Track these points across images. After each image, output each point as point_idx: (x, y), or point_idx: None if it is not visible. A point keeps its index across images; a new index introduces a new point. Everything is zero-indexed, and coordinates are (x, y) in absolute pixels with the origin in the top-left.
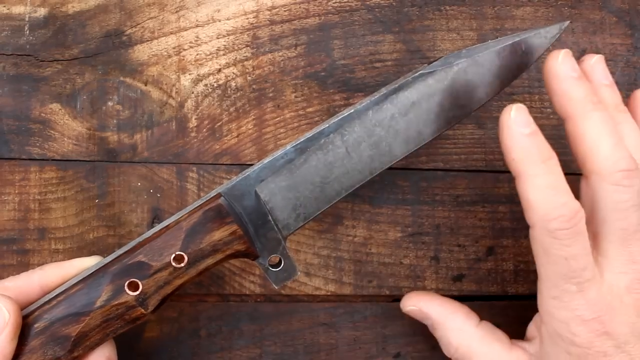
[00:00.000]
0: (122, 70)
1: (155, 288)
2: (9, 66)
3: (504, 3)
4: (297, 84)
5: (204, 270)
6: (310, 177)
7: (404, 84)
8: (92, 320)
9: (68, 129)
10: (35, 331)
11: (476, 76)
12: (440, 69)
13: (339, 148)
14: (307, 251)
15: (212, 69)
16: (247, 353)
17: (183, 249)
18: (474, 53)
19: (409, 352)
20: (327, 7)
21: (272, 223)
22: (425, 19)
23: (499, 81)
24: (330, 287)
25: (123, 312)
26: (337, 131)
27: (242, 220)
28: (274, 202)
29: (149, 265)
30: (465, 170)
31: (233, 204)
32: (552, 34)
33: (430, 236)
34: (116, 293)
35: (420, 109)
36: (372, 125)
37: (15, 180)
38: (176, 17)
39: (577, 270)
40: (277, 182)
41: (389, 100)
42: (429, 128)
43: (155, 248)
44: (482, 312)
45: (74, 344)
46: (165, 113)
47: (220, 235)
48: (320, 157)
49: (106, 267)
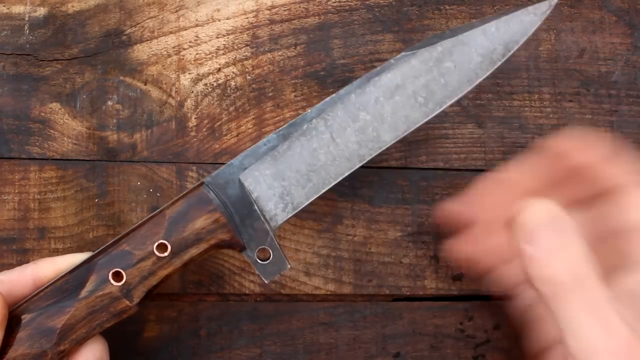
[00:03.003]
0: (122, 69)
1: (139, 279)
2: (8, 66)
3: (504, 2)
4: (296, 83)
5: (189, 262)
6: (296, 165)
7: (386, 66)
8: (77, 311)
9: (68, 128)
10: (23, 322)
11: (462, 56)
12: (423, 50)
13: (323, 134)
14: (306, 250)
15: (211, 69)
16: (247, 353)
17: (166, 237)
18: (458, 32)
19: (409, 352)
20: (327, 7)
21: (258, 213)
22: (425, 18)
23: (488, 61)
24: (330, 286)
25: (108, 303)
26: (320, 116)
27: (227, 209)
28: (259, 191)
29: (132, 254)
30: (465, 170)
31: (217, 193)
32: (542, 10)
33: (430, 235)
34: (100, 283)
35: (405, 92)
36: (355, 109)
37: (15, 179)
38: (176, 17)
39: None
40: (261, 169)
41: (372, 83)
42: (417, 112)
43: (138, 237)
44: (482, 312)
45: (60, 336)
46: (164, 112)
47: (203, 223)
48: (304, 143)
49: (92, 258)
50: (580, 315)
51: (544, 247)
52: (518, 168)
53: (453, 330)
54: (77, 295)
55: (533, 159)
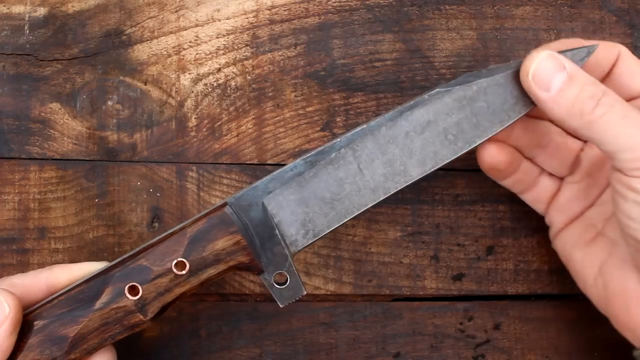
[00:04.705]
0: (122, 69)
1: (155, 294)
2: (8, 66)
3: (504, 2)
4: (296, 83)
5: (206, 281)
6: (320, 193)
7: (419, 101)
8: (91, 322)
9: (68, 128)
10: (35, 329)
11: (496, 97)
12: (458, 88)
13: (351, 164)
14: (306, 250)
15: (211, 69)
16: (247, 352)
17: (185, 255)
18: (495, 72)
19: (409, 352)
20: (327, 7)
21: (279, 237)
22: (425, 18)
23: (521, 103)
24: (330, 286)
25: (122, 316)
26: (349, 146)
27: (248, 231)
28: (281, 216)
29: (150, 269)
30: (465, 170)
31: (239, 215)
32: (580, 56)
33: (430, 235)
34: (116, 296)
35: (436, 129)
36: (385, 142)
37: (15, 179)
38: (176, 17)
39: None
40: (286, 195)
41: (404, 117)
42: (446, 149)
43: (157, 253)
44: (482, 312)
45: (71, 345)
46: (165, 112)
47: (224, 245)
48: (331, 172)
49: (108, 270)
50: (618, 127)
51: (558, 87)
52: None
53: (453, 330)
54: (92, 306)
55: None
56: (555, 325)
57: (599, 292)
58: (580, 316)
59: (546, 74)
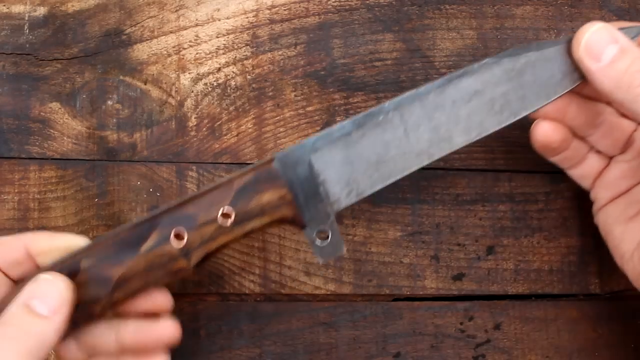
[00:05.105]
0: (122, 69)
1: (200, 242)
2: (8, 65)
3: (504, 2)
4: (296, 83)
5: (249, 232)
6: (366, 154)
7: (468, 70)
8: (136, 265)
9: (67, 128)
10: (82, 268)
11: (544, 71)
12: (507, 60)
13: (397, 128)
14: (307, 250)
15: (211, 68)
16: (247, 352)
17: (231, 206)
18: (544, 47)
19: (409, 352)
20: (327, 6)
21: (323, 195)
22: (425, 17)
23: (568, 79)
24: (330, 286)
25: (166, 261)
26: (397, 110)
27: (294, 187)
28: (327, 174)
29: (196, 217)
30: (465, 169)
31: (286, 170)
32: (630, 35)
33: (430, 235)
34: (162, 241)
35: (483, 98)
36: (432, 108)
37: (15, 179)
38: (176, 16)
39: None
40: (333, 154)
41: (452, 85)
42: (491, 119)
43: (204, 202)
44: (483, 312)
45: (116, 286)
46: (164, 112)
47: (270, 198)
48: (378, 134)
49: (156, 216)
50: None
51: (610, 58)
52: None
53: (453, 330)
54: (138, 250)
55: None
56: (556, 325)
57: (634, 267)
58: (581, 316)
59: (599, 45)
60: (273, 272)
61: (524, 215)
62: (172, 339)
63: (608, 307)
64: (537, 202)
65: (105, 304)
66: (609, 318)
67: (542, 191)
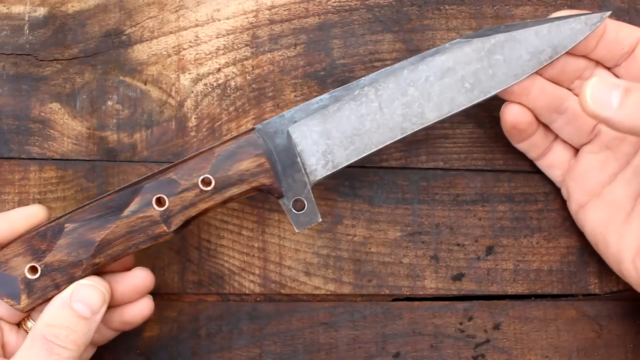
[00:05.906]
0: (122, 69)
1: (180, 207)
2: (8, 65)
3: (503, 2)
4: (296, 83)
5: (228, 200)
6: (342, 127)
7: (441, 48)
8: (118, 228)
9: (68, 128)
10: (65, 231)
11: (512, 51)
12: (477, 40)
13: (373, 102)
14: (306, 250)
15: (211, 69)
16: (247, 352)
17: (212, 172)
18: (512, 29)
19: (409, 352)
20: (327, 7)
21: (300, 165)
22: (425, 18)
23: (535, 60)
24: (330, 286)
25: (147, 226)
26: (372, 85)
27: (272, 156)
28: (304, 145)
29: (177, 183)
30: (464, 170)
31: (265, 140)
32: (593, 21)
33: (429, 235)
34: (143, 206)
35: (455, 76)
36: (406, 84)
37: (15, 179)
38: (176, 17)
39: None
40: (310, 125)
41: (425, 63)
42: (462, 96)
43: (186, 168)
44: (482, 312)
45: (97, 249)
46: (164, 112)
47: (248, 166)
48: (354, 107)
49: (139, 181)
50: None
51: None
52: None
53: (453, 330)
54: (120, 214)
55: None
56: (555, 325)
57: (638, 275)
58: (580, 316)
59: (603, 94)
60: (273, 272)
61: (524, 215)
62: (147, 283)
63: (607, 307)
64: (537, 202)
65: (86, 267)
66: (608, 318)
67: (542, 191)
